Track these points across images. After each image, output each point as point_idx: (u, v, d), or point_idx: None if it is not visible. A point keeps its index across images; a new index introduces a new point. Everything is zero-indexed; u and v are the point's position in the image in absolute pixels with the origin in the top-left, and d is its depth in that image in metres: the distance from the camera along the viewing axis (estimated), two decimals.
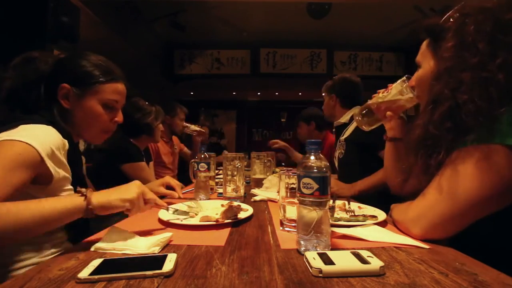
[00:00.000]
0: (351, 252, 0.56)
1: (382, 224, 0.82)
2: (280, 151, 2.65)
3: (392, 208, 0.86)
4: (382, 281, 0.47)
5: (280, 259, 0.57)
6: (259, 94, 7.95)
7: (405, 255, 0.59)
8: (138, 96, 1.99)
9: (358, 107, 1.87)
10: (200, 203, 1.04)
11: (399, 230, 0.76)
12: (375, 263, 0.51)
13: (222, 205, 0.95)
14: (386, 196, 1.10)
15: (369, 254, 0.55)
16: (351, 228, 0.75)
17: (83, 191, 0.65)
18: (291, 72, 5.87)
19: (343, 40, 5.59)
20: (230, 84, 6.55)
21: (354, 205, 1.03)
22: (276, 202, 1.13)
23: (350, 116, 1.83)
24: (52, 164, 0.73)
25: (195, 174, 1.22)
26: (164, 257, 0.54)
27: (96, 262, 0.52)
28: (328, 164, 0.61)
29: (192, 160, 1.25)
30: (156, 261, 0.52)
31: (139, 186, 0.74)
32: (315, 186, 0.58)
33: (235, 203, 0.92)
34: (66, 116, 0.89)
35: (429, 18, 0.78)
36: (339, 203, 1.01)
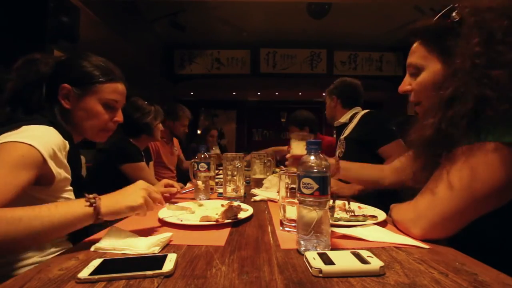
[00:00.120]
0: (351, 252, 0.56)
1: (382, 224, 0.82)
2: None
3: (392, 208, 0.86)
4: (382, 281, 0.47)
5: (280, 259, 0.57)
6: (259, 94, 7.95)
7: (405, 255, 0.59)
8: (138, 96, 1.99)
9: (359, 107, 1.89)
10: (201, 203, 1.04)
11: (399, 230, 0.76)
12: (375, 263, 0.51)
13: (222, 205, 0.95)
14: (386, 196, 1.10)
15: (369, 254, 0.55)
16: (351, 228, 0.75)
17: (91, 198, 0.64)
18: (291, 72, 5.87)
19: (343, 40, 5.59)
20: (230, 84, 6.55)
21: (354, 205, 1.03)
22: (276, 202, 1.13)
23: (350, 115, 1.84)
24: (54, 165, 0.74)
25: (195, 174, 1.22)
26: (164, 257, 0.54)
27: (96, 262, 0.52)
28: (328, 164, 0.61)
29: (192, 160, 1.25)
30: (156, 261, 0.52)
31: (144, 188, 0.74)
32: (315, 186, 0.58)
33: (235, 203, 0.92)
34: (67, 116, 0.90)
35: (420, 20, 0.75)
36: (339, 203, 1.02)
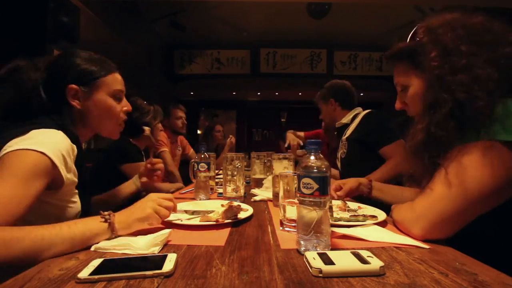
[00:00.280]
0: (351, 252, 0.56)
1: (382, 224, 0.82)
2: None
3: (393, 209, 0.86)
4: (382, 281, 0.47)
5: (280, 259, 0.57)
6: (259, 94, 7.94)
7: (405, 255, 0.59)
8: (138, 96, 1.99)
9: (359, 108, 1.88)
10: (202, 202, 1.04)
11: (399, 230, 0.76)
12: (375, 263, 0.51)
13: (222, 205, 0.95)
14: None
15: (369, 254, 0.55)
16: (351, 228, 0.75)
17: (106, 215, 0.67)
18: (291, 72, 5.87)
19: (343, 40, 5.59)
20: (230, 84, 6.54)
21: (354, 205, 1.03)
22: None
23: (352, 116, 1.84)
24: (64, 170, 0.75)
25: (195, 174, 1.22)
26: (164, 257, 0.54)
27: (96, 262, 0.52)
28: (328, 164, 0.61)
29: (192, 160, 1.25)
30: (156, 261, 0.52)
31: (153, 199, 0.76)
32: (315, 186, 0.58)
33: (235, 203, 0.92)
34: (80, 117, 0.89)
35: (395, 45, 0.84)
36: (338, 203, 1.02)
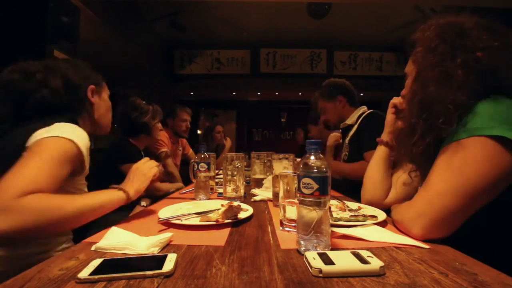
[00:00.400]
0: (351, 252, 0.56)
1: (382, 224, 0.82)
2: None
3: (392, 209, 0.86)
4: (382, 281, 0.47)
5: (280, 259, 0.57)
6: (259, 94, 7.94)
7: (405, 255, 0.59)
8: (138, 96, 1.99)
9: (364, 106, 1.86)
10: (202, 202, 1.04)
11: (399, 230, 0.76)
12: (375, 263, 0.51)
13: (222, 205, 0.95)
14: None
15: (369, 254, 0.55)
16: (351, 228, 0.75)
17: (119, 187, 0.87)
18: (291, 72, 5.87)
19: (343, 40, 5.59)
20: (230, 84, 6.54)
21: (354, 205, 1.03)
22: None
23: (356, 117, 1.82)
24: (87, 158, 0.86)
25: (195, 174, 1.22)
26: (164, 257, 0.54)
27: (96, 262, 0.52)
28: (328, 164, 0.61)
29: (192, 160, 1.25)
30: (156, 261, 0.52)
31: (139, 168, 0.96)
32: (315, 186, 0.58)
33: (235, 203, 0.92)
34: (88, 114, 1.02)
35: (412, 34, 0.88)
36: (338, 203, 1.02)
